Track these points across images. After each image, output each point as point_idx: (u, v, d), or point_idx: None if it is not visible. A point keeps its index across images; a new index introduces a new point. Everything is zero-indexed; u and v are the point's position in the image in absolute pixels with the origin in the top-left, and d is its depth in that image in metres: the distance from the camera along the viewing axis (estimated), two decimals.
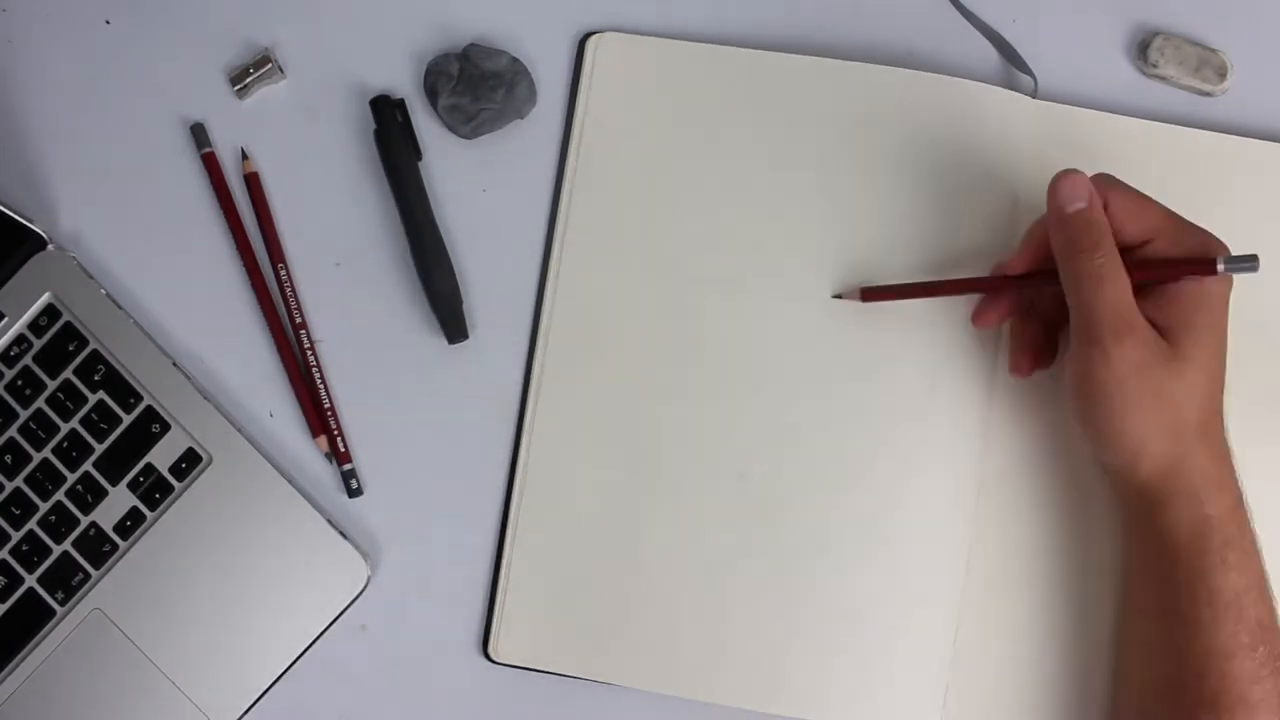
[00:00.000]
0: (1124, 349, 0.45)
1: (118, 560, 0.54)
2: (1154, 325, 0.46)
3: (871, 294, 0.53)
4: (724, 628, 0.52)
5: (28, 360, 0.55)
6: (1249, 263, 0.46)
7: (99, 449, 0.55)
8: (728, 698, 0.52)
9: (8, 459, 0.55)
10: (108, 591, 0.54)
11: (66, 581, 0.54)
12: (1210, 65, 0.56)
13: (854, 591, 0.52)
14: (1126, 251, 0.47)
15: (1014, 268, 0.50)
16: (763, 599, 0.52)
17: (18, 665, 0.53)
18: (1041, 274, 0.49)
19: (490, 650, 0.53)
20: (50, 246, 0.56)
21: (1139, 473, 0.47)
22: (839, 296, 0.54)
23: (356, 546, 0.54)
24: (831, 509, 0.53)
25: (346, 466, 0.55)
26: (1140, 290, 0.46)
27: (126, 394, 0.55)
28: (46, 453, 0.55)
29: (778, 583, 0.52)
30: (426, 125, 0.57)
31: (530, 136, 0.57)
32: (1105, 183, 0.48)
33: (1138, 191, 0.48)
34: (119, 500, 0.54)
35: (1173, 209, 0.48)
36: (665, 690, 0.52)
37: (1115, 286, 0.46)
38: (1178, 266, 0.47)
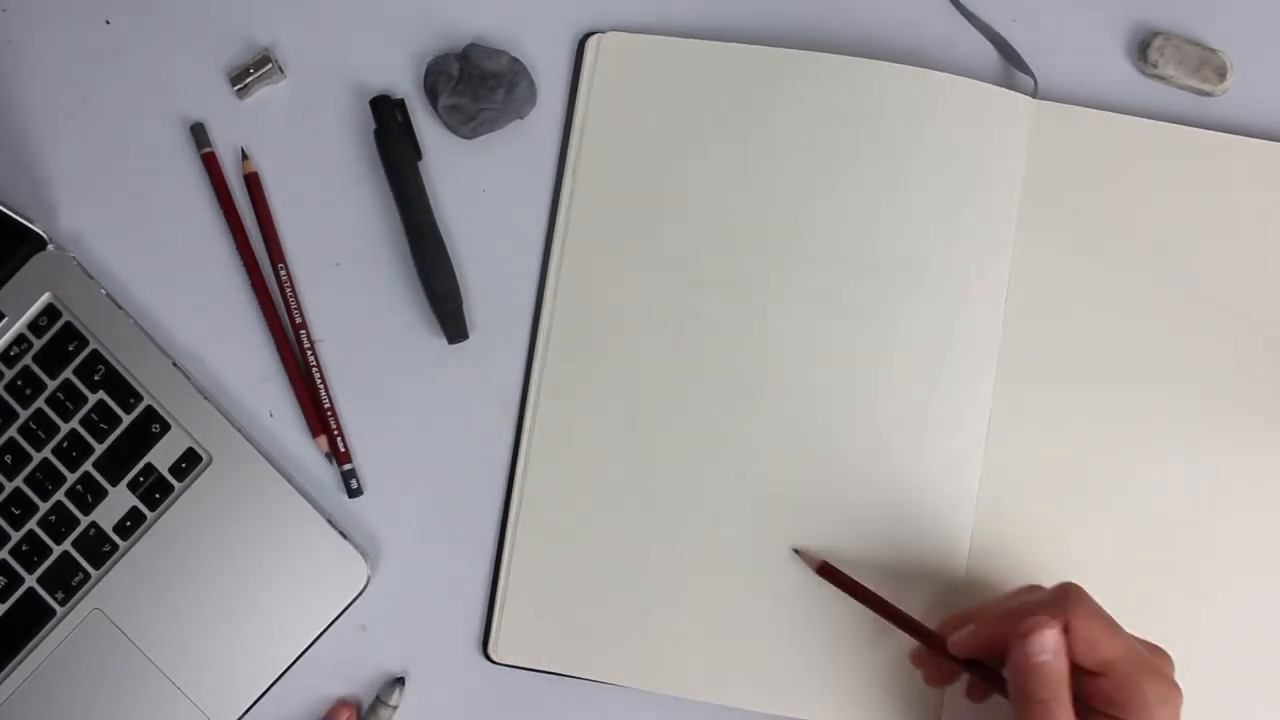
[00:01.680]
0: None
1: (118, 560, 0.54)
2: None
3: (828, 573, 0.51)
4: (724, 627, 0.52)
5: (28, 360, 0.55)
6: None
7: (99, 449, 0.55)
8: (728, 697, 0.52)
9: (8, 459, 0.55)
10: (108, 591, 0.54)
11: (66, 581, 0.54)
12: (1210, 65, 0.56)
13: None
14: (1076, 676, 0.45)
15: (961, 649, 0.47)
16: (762, 599, 0.52)
17: (18, 665, 0.53)
18: (985, 668, 0.47)
19: (490, 650, 0.53)
20: (50, 246, 0.56)
21: None
22: (798, 552, 0.52)
23: (356, 546, 0.54)
24: (831, 510, 0.53)
25: (346, 466, 0.55)
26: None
27: (126, 394, 0.55)
28: (46, 453, 0.55)
29: (777, 583, 0.52)
30: (426, 125, 0.57)
31: (530, 136, 0.57)
32: (1075, 603, 0.45)
33: (1106, 618, 0.45)
34: (119, 500, 0.54)
35: (1136, 638, 0.45)
36: (665, 690, 0.52)
37: None
38: None
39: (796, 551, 0.52)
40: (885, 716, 0.51)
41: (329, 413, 0.55)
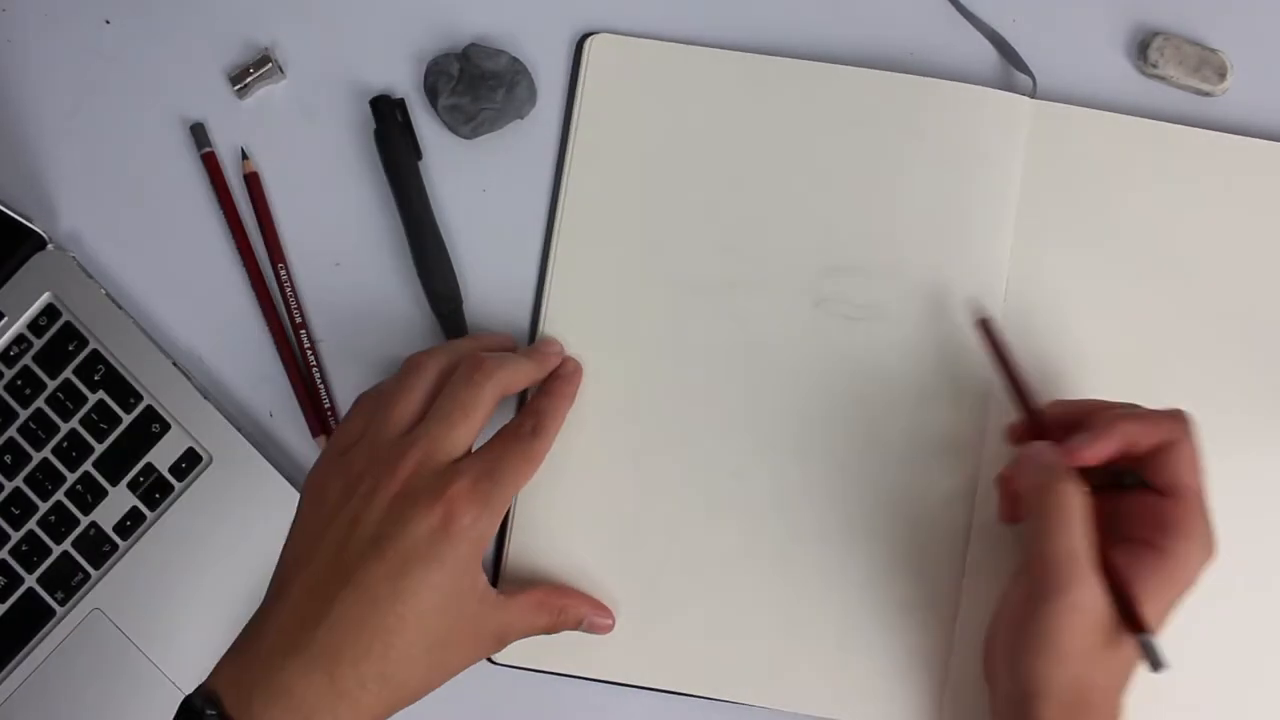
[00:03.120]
0: (1069, 600, 0.44)
1: (118, 560, 0.54)
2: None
3: (983, 329, 0.52)
4: (722, 624, 0.52)
5: (28, 360, 0.55)
6: (1154, 658, 0.43)
7: (99, 449, 0.55)
8: (727, 693, 0.52)
9: (8, 459, 0.55)
10: (108, 591, 0.54)
11: (66, 581, 0.54)
12: (1210, 65, 0.56)
13: (851, 588, 0.52)
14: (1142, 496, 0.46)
15: (1055, 410, 0.49)
16: (760, 595, 0.52)
17: (18, 665, 0.54)
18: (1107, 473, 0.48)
19: None
20: (50, 246, 0.56)
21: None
22: (981, 316, 0.52)
23: None
24: (827, 507, 0.53)
25: None
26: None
27: (126, 394, 0.55)
28: (46, 453, 0.55)
29: (774, 579, 0.52)
30: (426, 125, 0.57)
31: (530, 137, 0.57)
32: (1185, 425, 0.46)
33: (1201, 455, 0.46)
34: (119, 500, 0.54)
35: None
36: (665, 687, 0.52)
37: (1071, 531, 0.44)
38: (1123, 597, 0.44)
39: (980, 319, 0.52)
40: (890, 709, 0.51)
41: (329, 413, 0.55)
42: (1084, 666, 0.44)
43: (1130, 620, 0.44)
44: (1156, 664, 0.43)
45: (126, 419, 0.55)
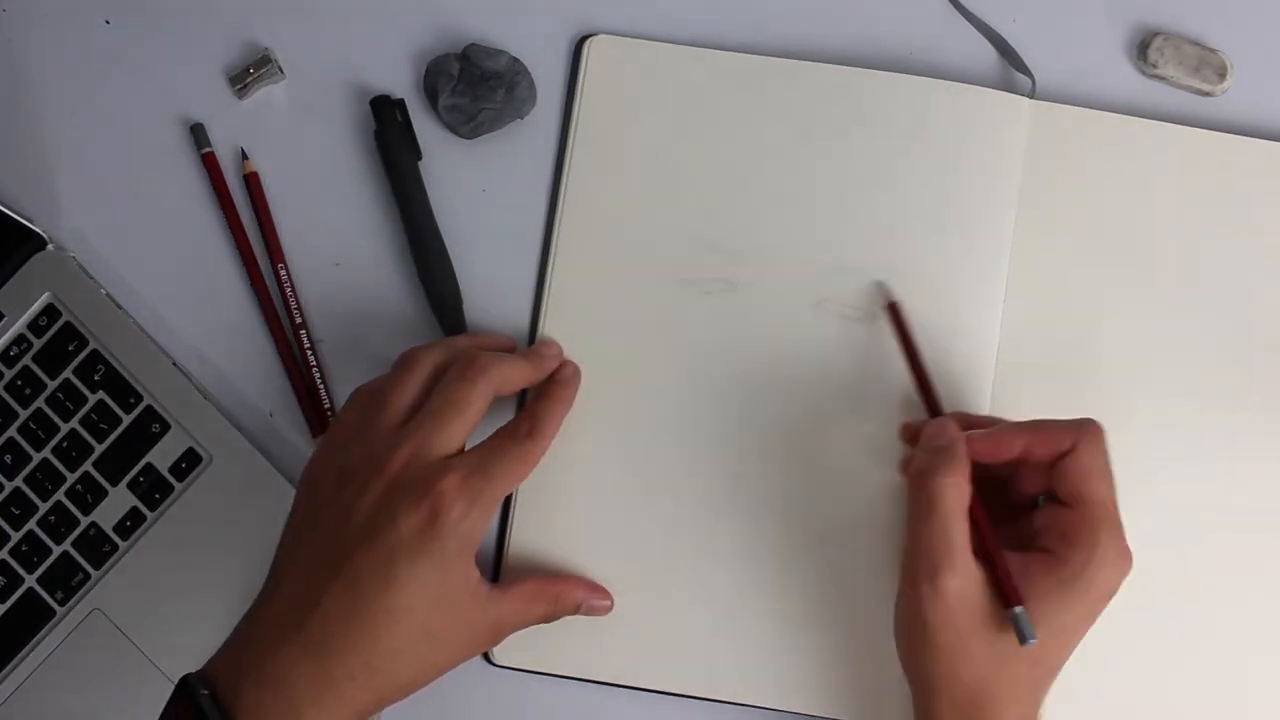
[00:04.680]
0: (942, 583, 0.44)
1: (118, 560, 0.54)
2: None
3: (892, 311, 0.52)
4: (722, 624, 0.52)
5: (28, 360, 0.55)
6: (1020, 631, 0.43)
7: (99, 449, 0.55)
8: (727, 693, 0.52)
9: (8, 459, 0.55)
10: (108, 591, 0.54)
11: (66, 581, 0.54)
12: (1210, 65, 0.56)
13: (852, 590, 0.52)
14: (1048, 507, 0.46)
15: (973, 445, 0.47)
16: (760, 596, 0.52)
17: (18, 665, 0.54)
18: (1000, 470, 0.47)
19: (491, 652, 0.53)
20: (50, 246, 0.56)
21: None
22: (881, 284, 0.53)
23: None
24: (827, 507, 0.53)
25: None
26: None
27: (126, 394, 0.55)
28: (46, 453, 0.55)
29: (774, 579, 0.52)
30: (426, 125, 0.57)
31: (530, 136, 0.57)
32: (1088, 434, 0.45)
33: (1108, 465, 0.45)
34: (119, 500, 0.54)
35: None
36: (665, 688, 0.52)
37: (944, 519, 0.44)
38: (1007, 583, 0.44)
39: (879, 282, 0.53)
40: (890, 708, 0.51)
41: (328, 413, 0.55)
42: (961, 658, 0.44)
43: (1003, 596, 0.43)
44: (1024, 637, 0.42)
45: (126, 419, 0.55)
